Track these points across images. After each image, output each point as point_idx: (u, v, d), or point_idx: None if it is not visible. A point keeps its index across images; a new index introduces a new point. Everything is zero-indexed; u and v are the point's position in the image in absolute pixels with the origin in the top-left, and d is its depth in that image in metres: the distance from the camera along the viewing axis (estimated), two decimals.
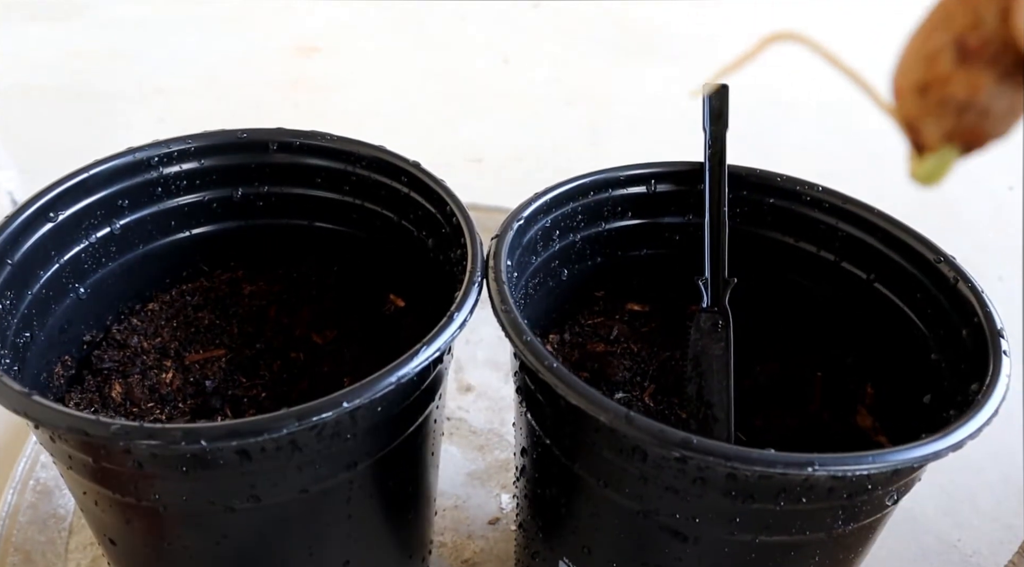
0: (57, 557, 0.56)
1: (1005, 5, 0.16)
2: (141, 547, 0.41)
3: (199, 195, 0.51)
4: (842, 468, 0.32)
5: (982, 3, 0.16)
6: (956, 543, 0.61)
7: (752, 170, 0.49)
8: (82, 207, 0.46)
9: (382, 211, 0.51)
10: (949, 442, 0.34)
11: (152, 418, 0.45)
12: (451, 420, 0.67)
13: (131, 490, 0.37)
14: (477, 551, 0.58)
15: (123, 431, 0.32)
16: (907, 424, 0.43)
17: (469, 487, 0.63)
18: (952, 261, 0.43)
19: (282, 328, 0.52)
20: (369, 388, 0.35)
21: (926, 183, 0.18)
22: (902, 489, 0.38)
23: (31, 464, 0.61)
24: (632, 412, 0.34)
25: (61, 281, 0.46)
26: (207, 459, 0.34)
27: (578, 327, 0.51)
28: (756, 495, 0.35)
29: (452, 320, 0.38)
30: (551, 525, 0.45)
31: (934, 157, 0.18)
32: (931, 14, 0.18)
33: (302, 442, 0.35)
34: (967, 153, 0.18)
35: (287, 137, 0.50)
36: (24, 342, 0.43)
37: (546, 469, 0.43)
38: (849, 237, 0.47)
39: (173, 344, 0.50)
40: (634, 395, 0.47)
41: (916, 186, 0.19)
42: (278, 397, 0.48)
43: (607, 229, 0.50)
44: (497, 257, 0.42)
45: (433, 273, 0.47)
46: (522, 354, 0.37)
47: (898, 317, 0.45)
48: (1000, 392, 0.36)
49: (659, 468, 0.36)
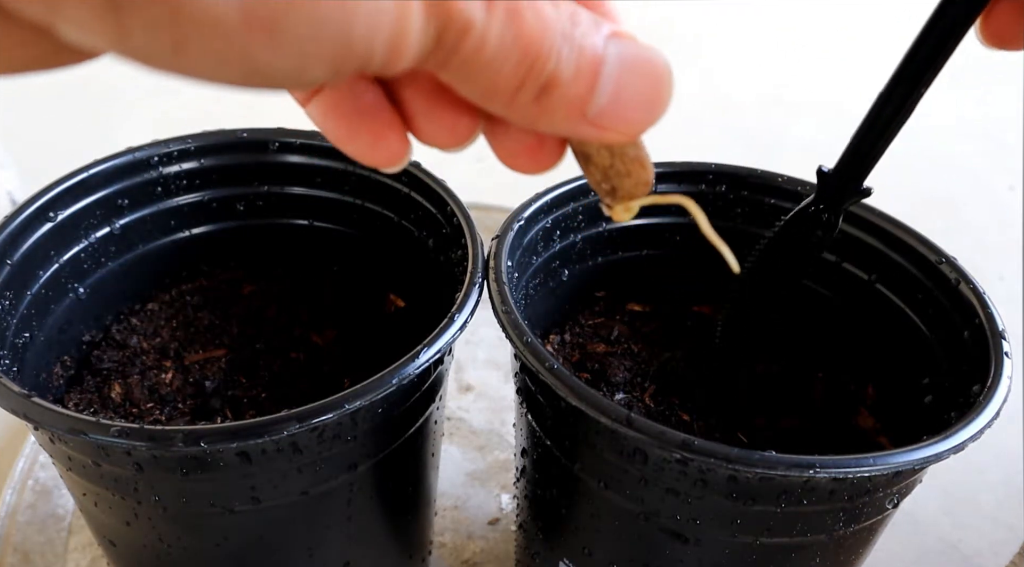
0: (56, 557, 0.56)
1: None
2: (141, 548, 0.41)
3: (199, 195, 0.50)
4: (843, 470, 0.32)
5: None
6: (957, 544, 0.61)
7: (752, 170, 0.49)
8: (82, 207, 0.46)
9: (382, 211, 0.51)
10: (950, 444, 0.34)
11: (152, 419, 0.45)
12: (451, 420, 0.67)
13: (131, 491, 0.37)
14: (477, 551, 0.58)
15: (123, 433, 0.32)
16: (908, 425, 0.43)
17: (469, 487, 0.63)
18: (953, 262, 0.43)
19: (282, 328, 0.52)
20: (370, 390, 0.35)
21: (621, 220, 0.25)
22: (903, 491, 0.38)
23: (30, 464, 0.61)
24: (633, 414, 0.34)
25: (60, 281, 0.45)
26: (207, 461, 0.34)
27: (579, 327, 0.51)
28: (757, 497, 0.35)
29: (453, 321, 0.38)
30: (551, 526, 0.45)
31: (620, 207, 0.24)
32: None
33: (303, 444, 0.35)
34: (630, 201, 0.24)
35: (287, 137, 0.50)
36: (23, 342, 0.43)
37: (546, 470, 0.43)
38: (850, 238, 0.47)
39: (173, 344, 0.50)
40: (635, 396, 0.47)
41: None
42: (278, 398, 0.48)
43: (608, 229, 0.50)
44: (498, 257, 0.42)
45: (433, 273, 0.47)
46: (523, 355, 0.37)
47: (899, 318, 0.45)
48: (1002, 394, 0.36)
49: (660, 470, 0.35)
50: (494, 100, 0.19)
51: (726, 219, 0.50)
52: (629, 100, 0.20)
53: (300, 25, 0.15)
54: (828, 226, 0.36)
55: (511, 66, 0.18)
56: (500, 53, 0.18)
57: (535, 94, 0.19)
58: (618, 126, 0.20)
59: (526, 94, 0.19)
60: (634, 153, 0.23)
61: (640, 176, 0.23)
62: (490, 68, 0.18)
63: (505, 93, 0.18)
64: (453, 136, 0.21)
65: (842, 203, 0.36)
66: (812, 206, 0.37)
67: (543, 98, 0.19)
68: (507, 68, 0.18)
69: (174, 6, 0.14)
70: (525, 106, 0.19)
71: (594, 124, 0.20)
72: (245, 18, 0.15)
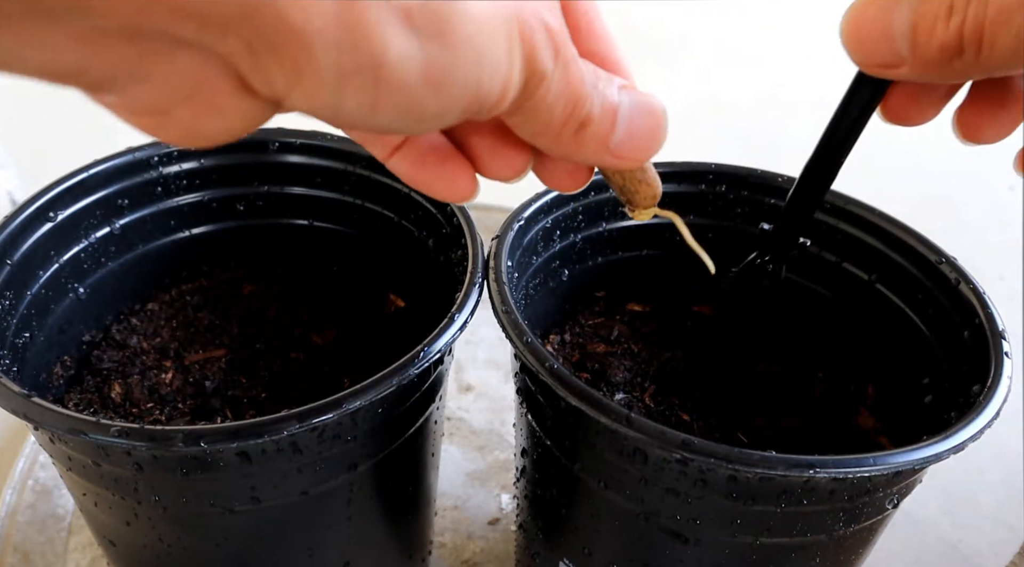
0: (56, 557, 0.56)
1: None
2: (141, 548, 0.41)
3: (199, 195, 0.50)
4: (843, 470, 0.32)
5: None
6: (957, 544, 0.61)
7: (752, 170, 0.49)
8: (82, 207, 0.46)
9: (382, 211, 0.51)
10: (950, 444, 0.34)
11: (152, 419, 0.45)
12: (451, 420, 0.67)
13: (131, 491, 0.37)
14: (477, 551, 0.58)
15: (123, 433, 0.32)
16: (908, 425, 0.43)
17: (469, 487, 0.62)
18: (953, 262, 0.43)
19: (282, 328, 0.52)
20: (370, 390, 0.35)
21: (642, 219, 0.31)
22: (903, 491, 0.38)
23: (30, 464, 0.61)
24: (633, 413, 0.34)
25: (60, 281, 0.45)
26: (207, 461, 0.34)
27: (579, 327, 0.51)
28: (757, 497, 0.35)
29: (453, 321, 0.38)
30: (551, 526, 0.45)
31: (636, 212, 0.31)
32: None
33: (303, 444, 0.35)
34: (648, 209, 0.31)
35: (287, 137, 0.50)
36: (23, 342, 0.43)
37: (546, 470, 0.43)
38: (850, 238, 0.47)
39: (173, 344, 0.50)
40: (635, 396, 0.47)
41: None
42: (278, 398, 0.47)
43: (608, 229, 0.50)
44: (498, 257, 0.42)
45: (433, 273, 0.47)
46: (523, 355, 0.37)
47: (899, 318, 0.45)
48: (1001, 394, 0.36)
49: (660, 470, 0.35)
50: (545, 136, 0.24)
51: (726, 219, 0.50)
52: (639, 135, 0.25)
53: (457, 81, 0.20)
54: (774, 275, 0.41)
55: (561, 108, 0.23)
56: (558, 98, 0.23)
57: (575, 131, 0.24)
58: (631, 155, 0.25)
59: (568, 130, 0.24)
60: (641, 175, 0.29)
61: (647, 192, 0.30)
62: (549, 110, 0.23)
63: (554, 130, 0.23)
64: (513, 170, 0.26)
65: (783, 255, 0.40)
66: (758, 259, 0.40)
67: (579, 134, 0.24)
68: (559, 110, 0.23)
69: (377, 75, 0.19)
70: (566, 140, 0.24)
71: (614, 154, 0.25)
72: (424, 77, 0.19)
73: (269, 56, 0.18)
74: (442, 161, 0.26)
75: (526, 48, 0.21)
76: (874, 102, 0.31)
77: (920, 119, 0.31)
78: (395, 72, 0.19)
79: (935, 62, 0.26)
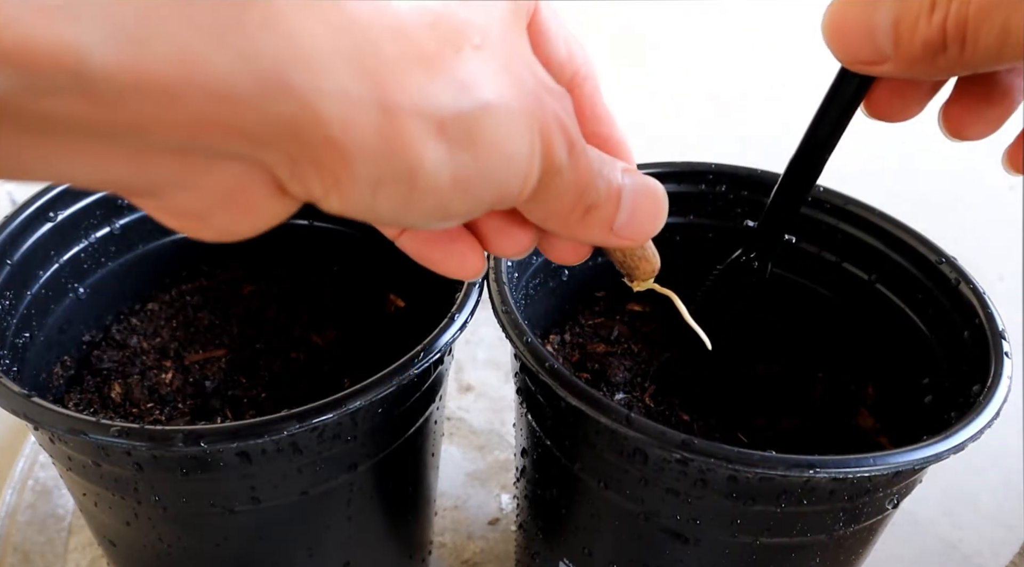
0: (56, 557, 0.56)
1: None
2: (141, 548, 0.41)
3: None
4: (843, 470, 0.32)
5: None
6: (957, 544, 0.61)
7: (752, 170, 0.49)
8: (81, 207, 0.46)
9: None
10: (950, 444, 0.34)
11: (152, 419, 0.45)
12: (451, 420, 0.67)
13: (131, 491, 0.37)
14: (477, 551, 0.58)
15: (123, 433, 0.32)
16: (908, 425, 0.43)
17: (469, 487, 0.62)
18: (953, 262, 0.43)
19: (282, 328, 0.52)
20: (370, 389, 0.35)
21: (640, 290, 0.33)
22: (903, 491, 0.38)
23: (30, 464, 0.61)
24: (633, 413, 0.34)
25: (60, 281, 0.45)
26: (207, 461, 0.34)
27: (579, 327, 0.51)
28: (757, 497, 0.35)
29: (453, 321, 0.38)
30: (551, 526, 0.45)
31: (635, 284, 0.32)
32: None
33: (303, 444, 0.35)
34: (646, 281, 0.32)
35: None
36: (23, 342, 0.43)
37: (546, 470, 0.43)
38: (850, 238, 0.47)
39: (173, 344, 0.50)
40: (635, 396, 0.47)
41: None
42: (278, 397, 0.48)
43: None
44: (497, 257, 0.42)
45: (433, 273, 0.47)
46: (523, 355, 0.37)
47: (899, 318, 0.45)
48: (1001, 394, 0.36)
49: (660, 470, 0.35)
50: (554, 220, 0.25)
51: (726, 219, 0.50)
52: (641, 217, 0.26)
53: (484, 182, 0.21)
54: (760, 272, 0.40)
55: (570, 195, 0.24)
56: (569, 187, 0.24)
57: (581, 215, 0.25)
58: (633, 235, 0.26)
59: (576, 214, 0.25)
60: (641, 252, 0.31)
61: (646, 267, 0.31)
62: (560, 199, 0.24)
63: (562, 215, 0.24)
64: (519, 248, 0.27)
65: (768, 252, 0.39)
66: (743, 256, 0.40)
67: (586, 217, 0.25)
68: (568, 197, 0.24)
69: (411, 184, 0.20)
70: (574, 223, 0.25)
71: (618, 235, 0.26)
72: (453, 183, 0.20)
73: (309, 166, 0.19)
74: (452, 241, 0.27)
75: (544, 146, 0.22)
76: (858, 98, 0.31)
77: (904, 115, 0.31)
78: (429, 180, 0.20)
79: (918, 58, 0.26)
